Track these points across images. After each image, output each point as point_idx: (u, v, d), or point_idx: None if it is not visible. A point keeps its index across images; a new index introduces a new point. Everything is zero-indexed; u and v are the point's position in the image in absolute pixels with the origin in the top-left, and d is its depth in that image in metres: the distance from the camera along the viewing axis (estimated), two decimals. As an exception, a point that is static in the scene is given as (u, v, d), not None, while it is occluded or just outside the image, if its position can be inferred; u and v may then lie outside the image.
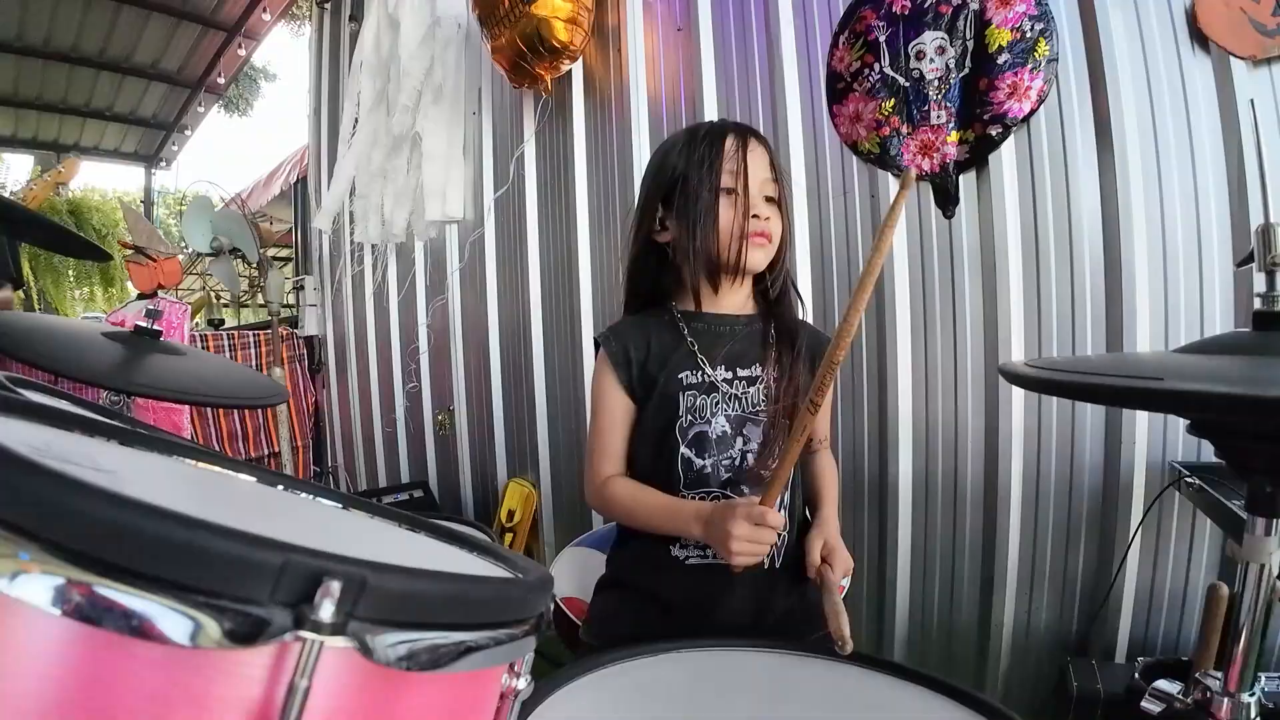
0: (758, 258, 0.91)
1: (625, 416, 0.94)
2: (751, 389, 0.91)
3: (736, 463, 0.89)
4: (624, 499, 0.90)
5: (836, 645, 0.72)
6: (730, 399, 0.90)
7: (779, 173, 0.93)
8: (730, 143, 0.90)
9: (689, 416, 0.90)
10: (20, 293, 2.68)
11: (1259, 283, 0.57)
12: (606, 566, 1.01)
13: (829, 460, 1.00)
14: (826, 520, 0.91)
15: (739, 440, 0.90)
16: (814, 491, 0.96)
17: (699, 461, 0.89)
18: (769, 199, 0.92)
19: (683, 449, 0.89)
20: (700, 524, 0.81)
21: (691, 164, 0.91)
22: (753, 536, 0.76)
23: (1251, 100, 1.17)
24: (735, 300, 0.96)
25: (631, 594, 0.94)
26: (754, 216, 0.89)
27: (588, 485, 0.95)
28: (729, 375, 0.91)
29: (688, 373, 0.91)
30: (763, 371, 0.91)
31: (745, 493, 0.89)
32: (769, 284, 0.96)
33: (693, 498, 0.89)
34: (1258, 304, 0.56)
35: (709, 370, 0.91)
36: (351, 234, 2.86)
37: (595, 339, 0.98)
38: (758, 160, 0.91)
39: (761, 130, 1.63)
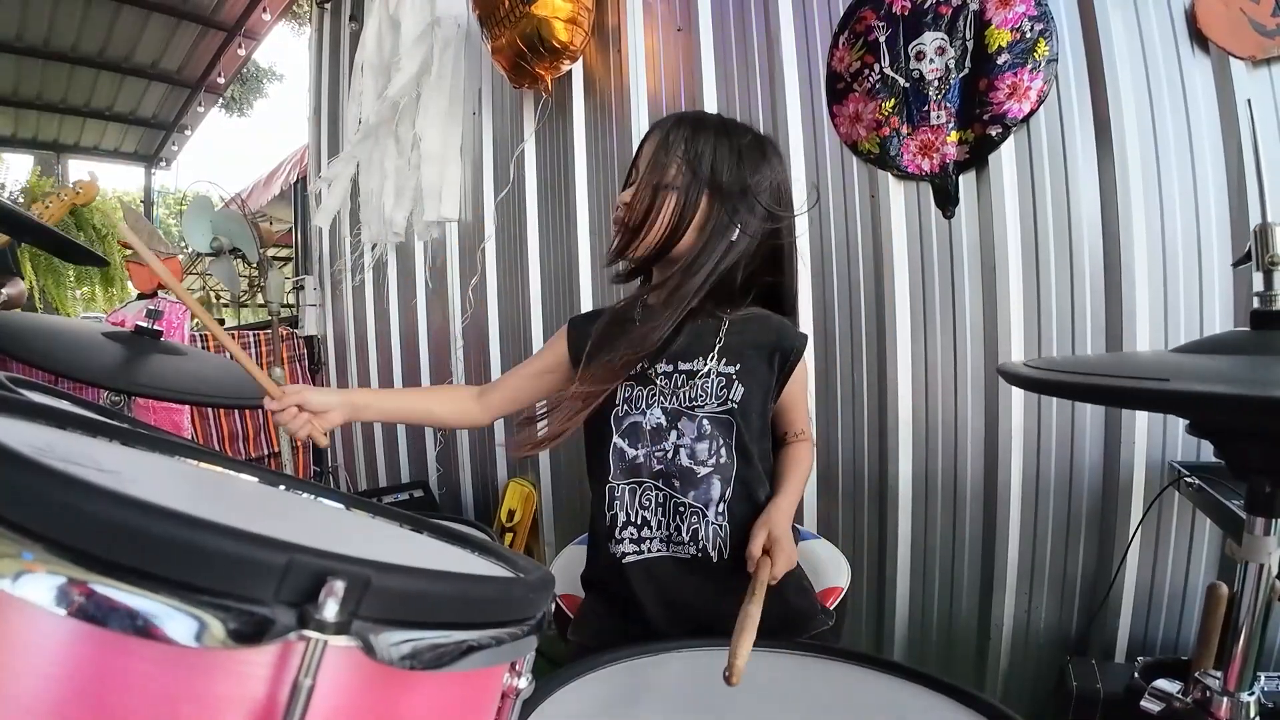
0: (619, 243, 0.93)
1: (545, 365, 1.01)
2: (691, 383, 0.89)
3: (669, 455, 0.88)
4: None
5: (724, 671, 0.59)
6: (668, 392, 0.90)
7: (683, 152, 0.89)
8: (640, 145, 0.96)
9: (624, 406, 0.91)
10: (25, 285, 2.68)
11: (1257, 282, 0.57)
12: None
13: (802, 450, 0.97)
14: (775, 508, 0.86)
15: (673, 433, 0.89)
16: (775, 478, 0.93)
17: (631, 452, 0.90)
18: (661, 186, 0.89)
19: (615, 438, 0.90)
20: None
21: None
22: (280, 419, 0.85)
23: (1249, 100, 1.17)
24: (680, 294, 0.92)
25: (598, 593, 0.96)
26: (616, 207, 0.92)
27: None
28: (669, 368, 0.90)
29: None
30: (704, 366, 0.90)
31: (677, 486, 0.88)
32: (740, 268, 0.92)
33: (625, 488, 0.90)
34: (1256, 303, 0.57)
35: (647, 361, 0.90)
36: (354, 234, 2.85)
37: (569, 320, 1.02)
38: (645, 147, 0.94)
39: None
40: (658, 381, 0.90)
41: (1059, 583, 1.36)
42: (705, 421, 0.89)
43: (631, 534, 0.89)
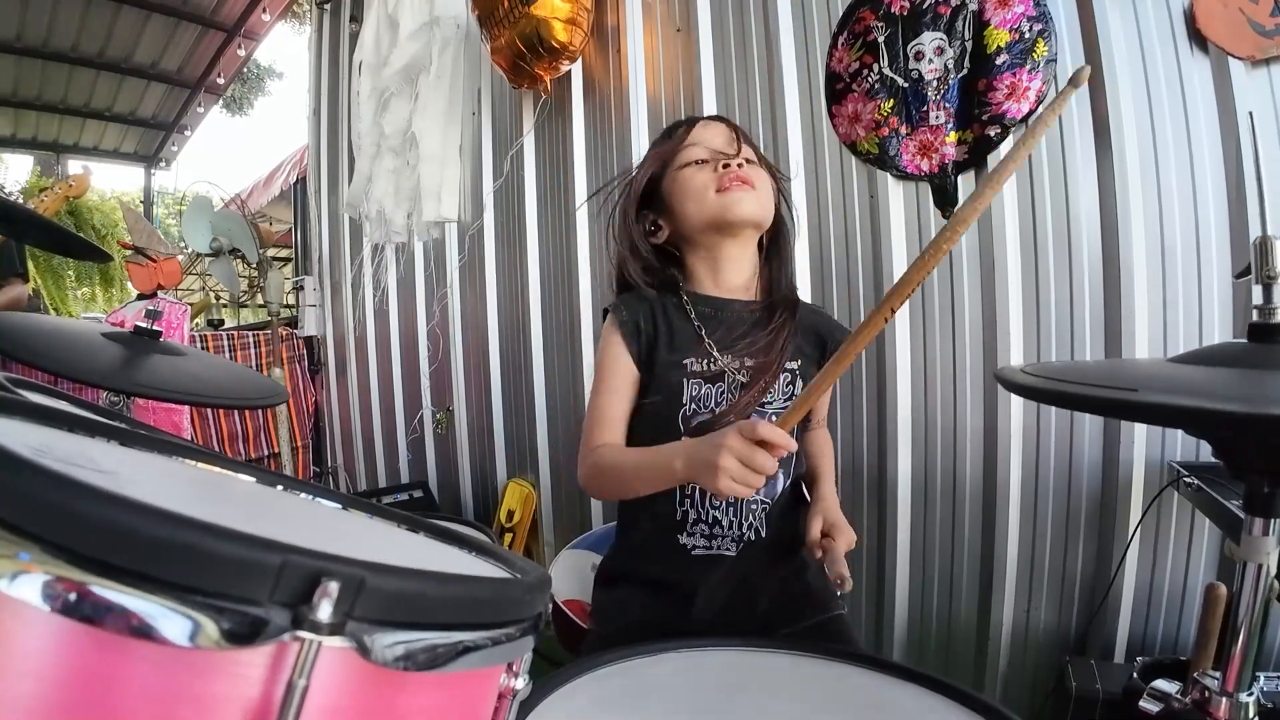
0: (742, 201, 0.89)
1: (630, 386, 0.91)
2: (761, 379, 0.89)
3: None
4: (610, 462, 0.84)
5: (835, 583, 0.78)
6: (737, 388, 0.89)
7: (750, 143, 0.95)
8: (684, 129, 0.95)
9: (693, 405, 0.89)
10: (30, 286, 2.68)
11: (1256, 295, 0.57)
12: (606, 562, 1.00)
13: (825, 436, 0.99)
14: (825, 497, 0.90)
15: None
16: (811, 469, 0.95)
17: None
18: (746, 160, 0.93)
19: (684, 437, 0.88)
20: (681, 458, 0.73)
21: (658, 160, 0.95)
22: (746, 457, 0.65)
23: (1250, 113, 1.17)
24: (738, 282, 0.95)
25: (637, 586, 0.93)
26: (725, 166, 0.90)
27: (580, 457, 0.89)
28: (737, 364, 0.89)
29: (693, 359, 0.89)
30: (767, 358, 0.90)
31: None
32: (769, 259, 0.97)
33: (695, 486, 0.88)
34: (1255, 316, 0.56)
35: (716, 357, 0.89)
36: (366, 229, 2.85)
37: (605, 307, 0.96)
38: (713, 130, 0.94)
39: (760, 130, 1.65)
40: (727, 379, 0.89)
41: (1058, 583, 1.36)
42: (774, 417, 0.88)
43: (704, 530, 0.89)
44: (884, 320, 0.63)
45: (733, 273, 0.94)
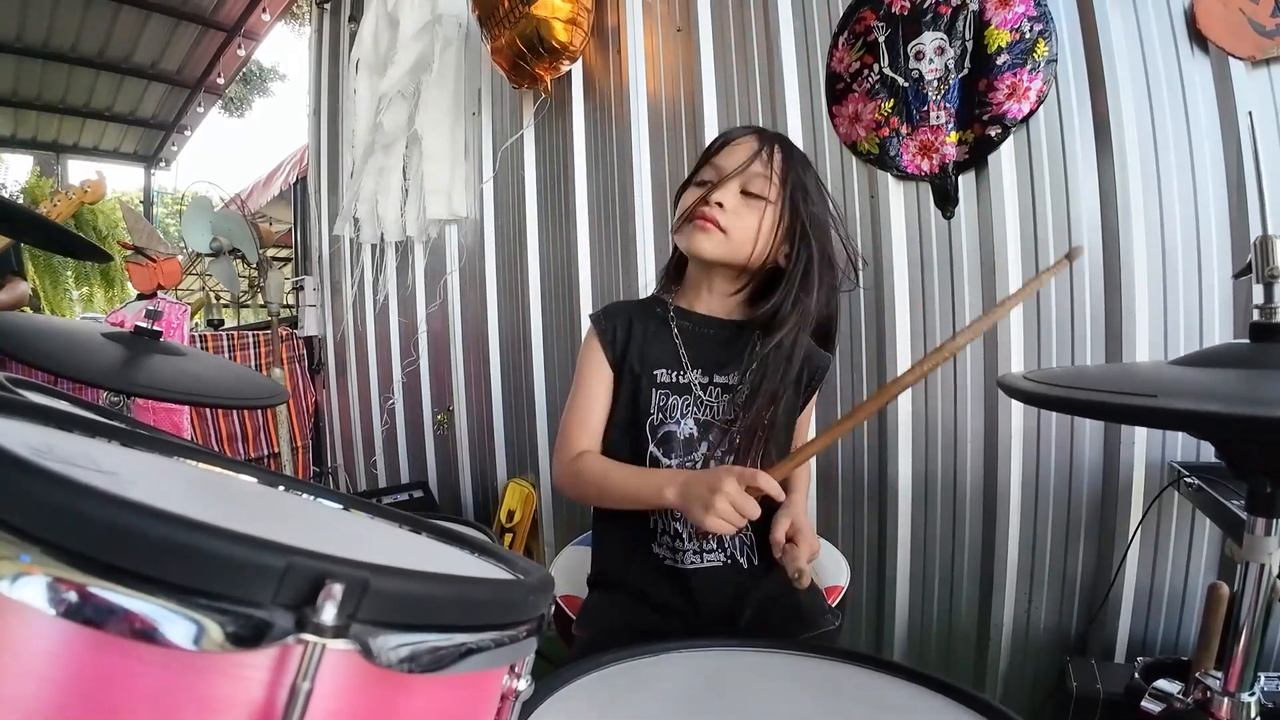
0: (697, 240, 0.88)
1: (607, 390, 0.93)
2: (725, 396, 0.91)
3: (699, 466, 0.89)
4: (595, 472, 0.88)
5: (794, 578, 0.76)
6: (701, 403, 0.90)
7: (783, 173, 0.88)
8: (717, 145, 0.92)
9: (659, 414, 0.91)
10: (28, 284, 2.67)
11: (1257, 294, 0.57)
12: (591, 564, 1.01)
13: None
14: (795, 503, 0.88)
15: (703, 445, 0.90)
16: (786, 484, 0.94)
17: (665, 461, 0.90)
18: (748, 193, 0.88)
19: (650, 446, 0.90)
20: (675, 487, 0.78)
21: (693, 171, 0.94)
22: (738, 503, 0.72)
23: (1250, 112, 1.17)
24: (724, 303, 0.95)
25: (619, 591, 0.95)
26: (706, 202, 0.87)
27: (557, 460, 0.92)
28: (705, 380, 0.91)
29: (664, 370, 0.92)
30: (739, 382, 0.91)
31: None
32: (764, 290, 0.92)
33: None
34: (1255, 315, 0.56)
35: (687, 370, 0.91)
36: (356, 235, 2.85)
37: (589, 316, 0.98)
38: (741, 151, 0.89)
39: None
40: (693, 392, 0.91)
41: (1059, 583, 1.36)
42: (736, 434, 0.90)
43: (668, 541, 0.91)
44: (876, 408, 0.76)
45: (718, 292, 0.95)
